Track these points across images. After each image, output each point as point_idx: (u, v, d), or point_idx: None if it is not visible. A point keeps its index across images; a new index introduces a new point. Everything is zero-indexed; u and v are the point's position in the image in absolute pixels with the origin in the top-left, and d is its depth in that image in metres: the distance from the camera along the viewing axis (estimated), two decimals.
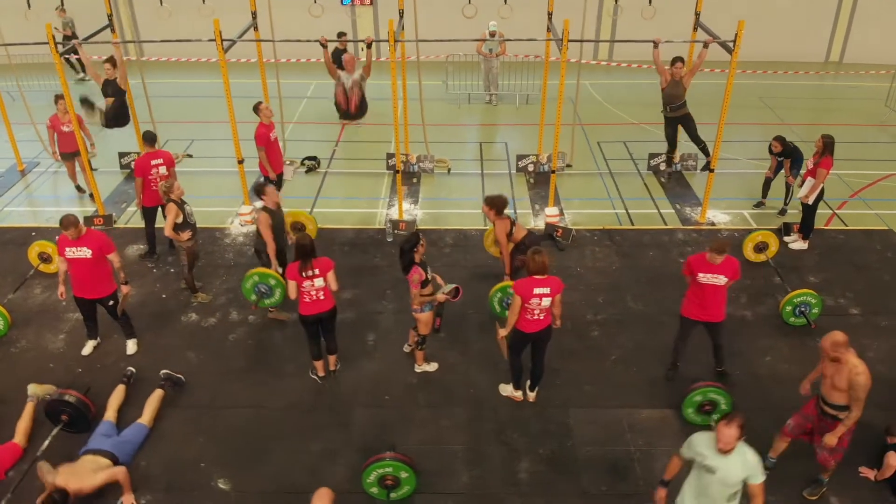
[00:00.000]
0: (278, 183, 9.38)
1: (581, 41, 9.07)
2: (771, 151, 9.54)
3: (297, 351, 7.23)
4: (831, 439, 5.40)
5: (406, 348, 7.34)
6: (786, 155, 9.41)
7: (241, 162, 9.35)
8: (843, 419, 5.35)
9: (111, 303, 7.07)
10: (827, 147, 8.52)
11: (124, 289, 7.04)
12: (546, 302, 6.10)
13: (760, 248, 8.64)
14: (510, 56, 13.56)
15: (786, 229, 9.23)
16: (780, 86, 14.98)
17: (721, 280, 6.37)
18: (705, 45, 8.98)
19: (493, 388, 6.88)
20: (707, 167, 9.99)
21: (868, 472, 5.96)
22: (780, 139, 9.36)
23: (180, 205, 7.65)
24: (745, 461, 4.46)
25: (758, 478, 4.47)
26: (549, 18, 9.99)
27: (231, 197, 10.09)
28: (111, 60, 9.47)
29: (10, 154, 11.14)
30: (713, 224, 9.70)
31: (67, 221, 6.63)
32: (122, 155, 11.18)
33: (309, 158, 11.29)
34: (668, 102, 9.99)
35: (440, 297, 6.67)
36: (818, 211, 8.99)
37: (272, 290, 7.32)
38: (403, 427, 6.50)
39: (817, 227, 9.38)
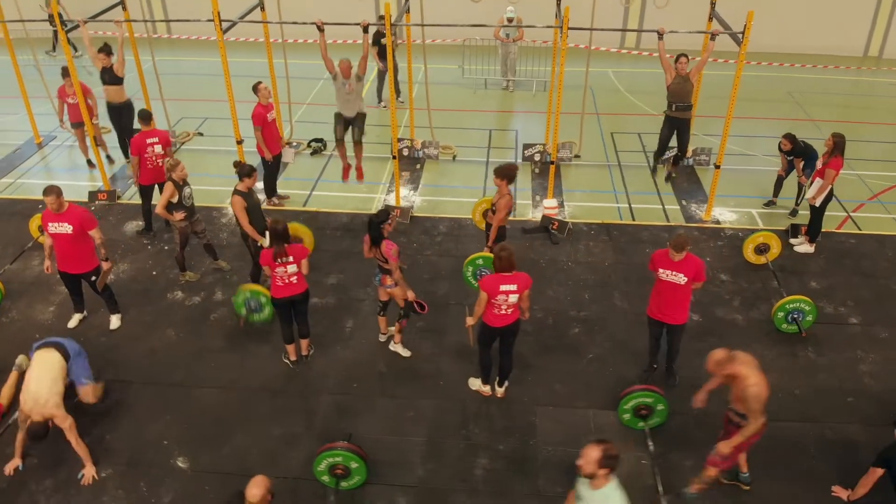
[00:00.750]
0: (275, 165, 9.42)
1: (580, 29, 8.76)
2: (780, 150, 9.13)
3: (274, 334, 7.24)
4: (725, 448, 5.24)
5: (382, 337, 7.31)
6: (796, 154, 9.00)
7: (240, 142, 9.39)
8: (742, 429, 5.20)
9: (93, 278, 7.20)
10: (837, 146, 8.11)
11: (104, 265, 7.16)
12: (513, 298, 5.98)
13: (761, 249, 8.31)
14: (527, 41, 13.28)
15: (793, 231, 8.85)
16: (812, 80, 14.30)
17: (681, 279, 6.15)
18: (712, 37, 8.61)
19: (463, 381, 6.81)
20: (677, 161, 9.93)
21: (841, 492, 5.70)
22: (789, 137, 8.94)
23: (179, 185, 7.70)
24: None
25: None
26: (558, 4, 9.73)
27: (234, 177, 10.15)
28: (105, 49, 9.57)
29: (28, 127, 11.44)
30: (718, 222, 9.37)
31: (48, 190, 6.76)
32: (134, 132, 11.37)
33: (315, 140, 11.29)
34: (674, 101, 9.39)
35: (410, 295, 6.68)
36: (828, 213, 8.60)
37: (262, 307, 7.18)
38: (367, 416, 6.48)
39: (827, 230, 8.99)
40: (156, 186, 8.79)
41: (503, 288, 5.92)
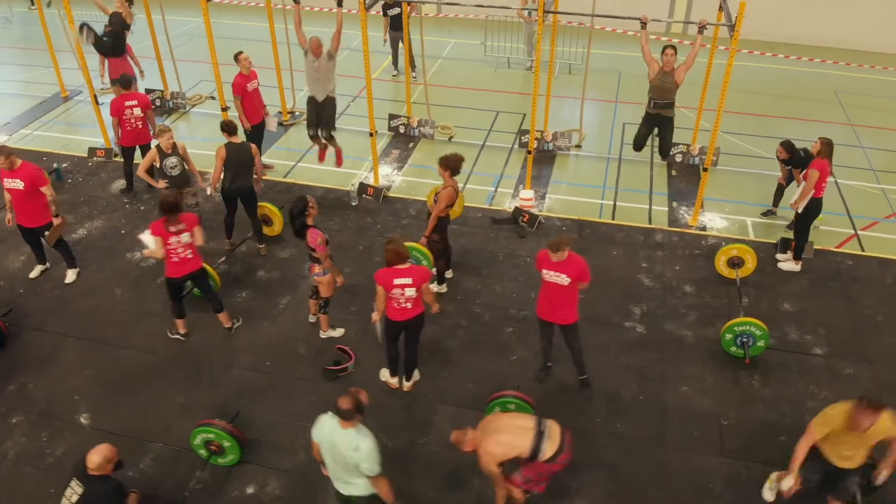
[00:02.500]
0: (256, 134, 9.47)
1: (562, 13, 8.29)
2: (777, 158, 8.37)
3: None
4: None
5: (311, 318, 7.28)
6: (794, 163, 8.21)
7: (224, 109, 9.47)
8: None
9: (46, 233, 7.52)
10: (823, 150, 7.35)
11: (55, 221, 7.45)
12: (410, 292, 5.80)
13: (735, 263, 7.68)
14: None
15: (782, 245, 8.14)
16: (863, 80, 12.91)
17: (563, 279, 5.82)
18: (700, 30, 7.89)
19: (376, 372, 6.70)
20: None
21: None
22: (786, 145, 8.15)
23: (163, 153, 7.87)
24: (356, 444, 4.52)
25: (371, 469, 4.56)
26: None
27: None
28: None
29: (55, 80, 12.00)
30: (704, 229, 8.72)
31: None
32: (148, 91, 11.72)
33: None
34: (654, 97, 8.63)
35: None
36: (834, 229, 7.83)
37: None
38: (269, 395, 6.49)
39: (824, 247, 8.22)
40: (137, 148, 9.08)
41: (397, 282, 5.75)
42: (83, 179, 9.81)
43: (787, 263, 8.00)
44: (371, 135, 9.26)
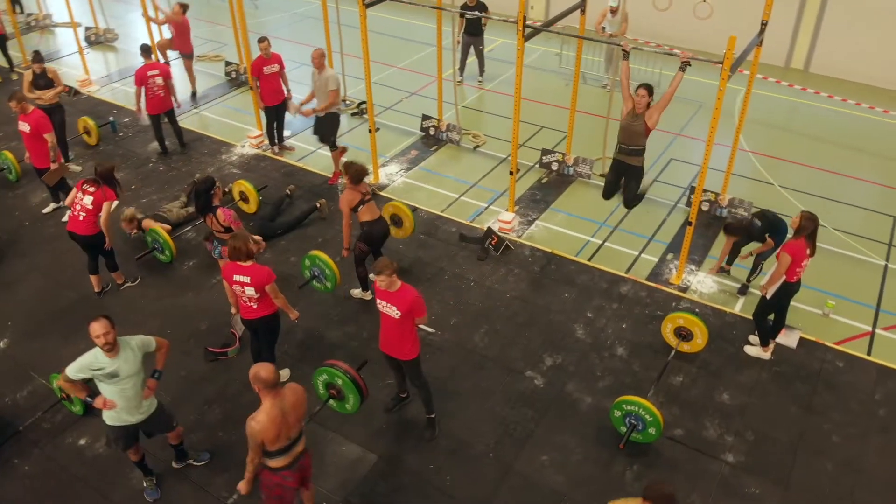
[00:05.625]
0: (272, 115, 9.84)
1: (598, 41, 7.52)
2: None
3: (162, 271, 7.91)
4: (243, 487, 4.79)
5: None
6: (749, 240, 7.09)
7: (253, 89, 9.95)
8: None
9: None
10: (803, 228, 6.09)
11: (52, 165, 8.33)
12: (249, 291, 5.75)
13: (682, 334, 6.65)
14: (629, 38, 11.68)
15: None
16: None
17: (394, 312, 5.34)
18: (682, 67, 6.75)
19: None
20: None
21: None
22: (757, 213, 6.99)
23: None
24: (132, 348, 4.93)
25: (151, 344, 5.07)
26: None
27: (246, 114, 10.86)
28: None
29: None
30: (685, 289, 7.63)
31: (12, 95, 8.05)
32: (227, 63, 12.61)
33: (363, 102, 11.42)
34: (620, 140, 7.24)
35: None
36: (847, 321, 6.55)
37: (324, 279, 7.17)
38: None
39: (820, 341, 6.86)
40: (162, 115, 9.87)
41: (236, 278, 5.74)
42: (132, 135, 10.82)
43: (753, 348, 6.78)
44: (370, 132, 9.23)
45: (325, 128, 9.22)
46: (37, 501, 5.54)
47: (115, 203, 7.16)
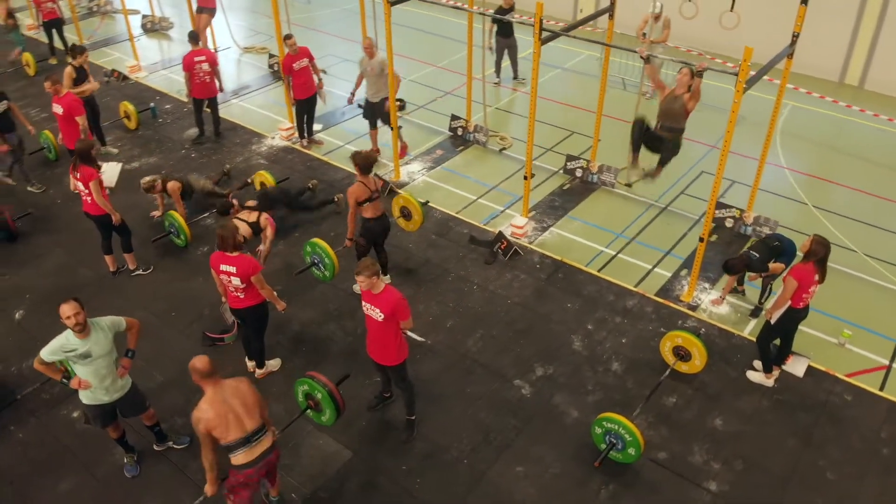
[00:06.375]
0: (302, 108, 9.99)
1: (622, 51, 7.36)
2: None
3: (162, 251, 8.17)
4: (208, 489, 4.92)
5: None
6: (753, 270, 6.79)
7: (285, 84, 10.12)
8: None
9: None
10: (813, 253, 5.78)
11: None
12: (236, 281, 5.85)
13: (680, 354, 6.42)
14: (670, 45, 11.33)
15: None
16: None
17: (377, 314, 5.34)
18: (698, 73, 6.54)
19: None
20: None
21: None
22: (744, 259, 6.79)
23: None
24: (103, 328, 5.06)
25: (121, 324, 5.22)
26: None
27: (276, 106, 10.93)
28: None
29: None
30: (693, 307, 7.36)
31: (48, 77, 8.42)
32: (270, 56, 12.88)
33: (398, 100, 11.46)
34: (660, 120, 7.35)
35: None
36: (864, 353, 6.25)
37: (323, 268, 7.24)
38: (147, 339, 6.81)
39: (828, 369, 6.52)
40: (206, 101, 10.15)
41: (223, 267, 5.85)
42: (171, 121, 11.17)
43: (756, 374, 6.48)
44: (392, 128, 9.25)
45: (379, 112, 9.55)
46: (27, 467, 5.78)
47: (99, 179, 7.18)
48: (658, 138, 7.39)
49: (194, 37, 9.96)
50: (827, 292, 7.41)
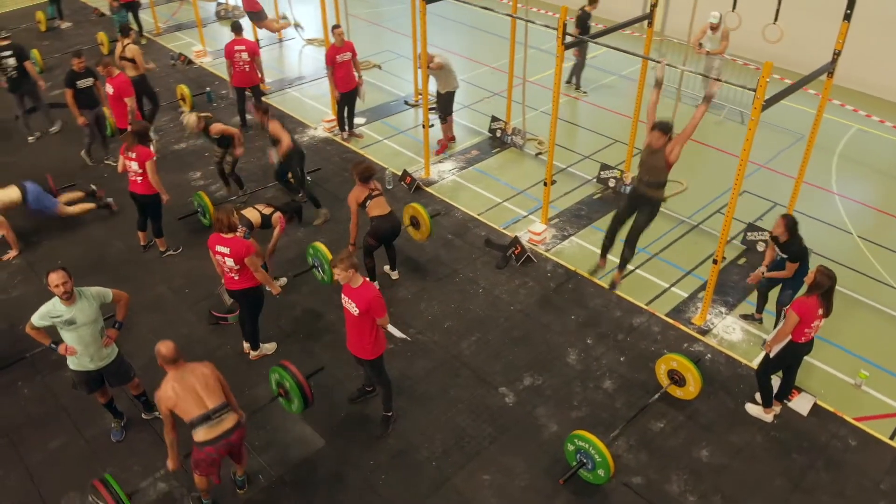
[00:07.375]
0: (343, 101, 10.14)
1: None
2: (771, 238, 6.52)
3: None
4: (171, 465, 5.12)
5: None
6: (792, 252, 6.36)
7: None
8: None
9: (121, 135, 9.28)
10: (817, 286, 5.41)
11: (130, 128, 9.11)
12: (230, 262, 6.02)
13: (674, 378, 6.17)
14: (728, 56, 10.83)
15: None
16: None
17: (353, 308, 5.36)
18: (706, 99, 6.18)
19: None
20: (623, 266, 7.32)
21: None
22: (788, 222, 6.26)
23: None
24: (89, 297, 5.32)
25: (107, 295, 5.44)
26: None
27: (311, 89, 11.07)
28: None
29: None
30: (704, 331, 7.03)
31: (101, 59, 8.91)
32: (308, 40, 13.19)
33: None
34: (640, 173, 6.70)
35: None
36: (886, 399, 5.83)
37: (323, 271, 7.24)
38: (157, 311, 7.35)
39: (837, 410, 6.12)
40: (247, 89, 10.46)
41: (218, 248, 6.03)
42: (224, 106, 11.59)
43: (756, 408, 6.14)
44: (423, 126, 9.29)
45: (444, 105, 9.81)
46: (25, 421, 6.16)
47: (154, 160, 7.53)
48: (638, 196, 6.82)
49: (237, 27, 10.28)
50: (854, 329, 7.02)
